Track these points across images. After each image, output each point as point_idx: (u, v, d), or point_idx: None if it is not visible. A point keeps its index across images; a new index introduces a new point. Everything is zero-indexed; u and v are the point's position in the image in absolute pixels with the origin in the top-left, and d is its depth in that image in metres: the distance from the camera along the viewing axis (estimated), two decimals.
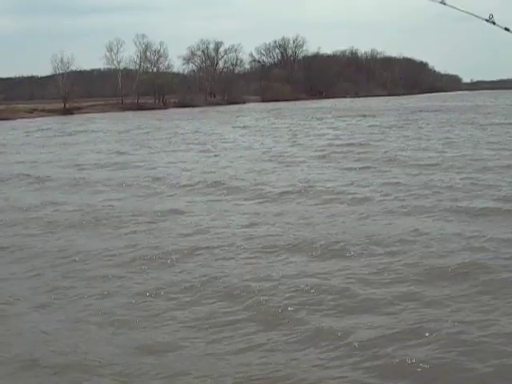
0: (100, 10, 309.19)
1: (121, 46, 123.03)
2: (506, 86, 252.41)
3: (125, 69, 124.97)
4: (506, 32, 6.55)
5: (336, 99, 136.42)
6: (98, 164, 27.90)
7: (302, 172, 22.96)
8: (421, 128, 43.23)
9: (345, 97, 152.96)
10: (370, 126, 46.27)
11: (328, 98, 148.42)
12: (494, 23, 6.18)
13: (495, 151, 27.25)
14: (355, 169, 23.12)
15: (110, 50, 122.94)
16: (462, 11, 7.21)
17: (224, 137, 41.71)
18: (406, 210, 15.28)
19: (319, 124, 52.10)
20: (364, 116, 60.79)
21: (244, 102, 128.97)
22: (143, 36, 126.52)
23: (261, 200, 17.33)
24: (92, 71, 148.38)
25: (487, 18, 6.22)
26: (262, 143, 35.74)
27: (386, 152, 27.96)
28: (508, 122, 46.12)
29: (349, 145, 32.13)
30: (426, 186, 18.54)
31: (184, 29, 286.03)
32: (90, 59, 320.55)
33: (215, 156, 29.97)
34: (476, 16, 6.48)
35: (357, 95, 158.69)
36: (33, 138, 47.03)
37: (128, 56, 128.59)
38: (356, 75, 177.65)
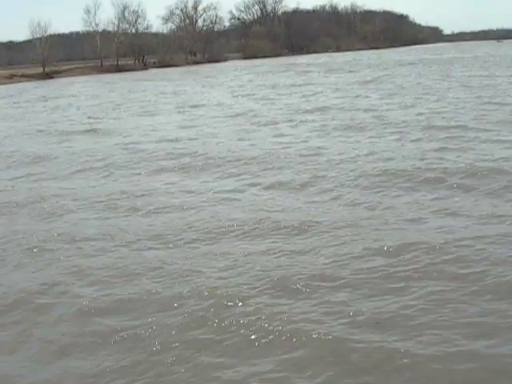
0: None
1: (98, 7, 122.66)
2: (487, 36, 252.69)
3: (104, 31, 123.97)
4: None
5: (317, 54, 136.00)
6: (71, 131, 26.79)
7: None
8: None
9: (326, 51, 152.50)
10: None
11: (309, 53, 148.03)
12: None
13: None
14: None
15: (88, 12, 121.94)
16: None
17: (187, 95, 40.93)
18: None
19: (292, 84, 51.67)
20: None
21: (225, 60, 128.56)
22: None
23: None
24: (71, 34, 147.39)
25: None
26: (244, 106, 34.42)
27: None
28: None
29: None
30: None
31: None
32: (70, 22, 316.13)
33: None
34: None
35: (338, 50, 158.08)
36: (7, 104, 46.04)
37: (106, 18, 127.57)
38: (337, 30, 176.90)
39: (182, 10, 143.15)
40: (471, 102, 26.33)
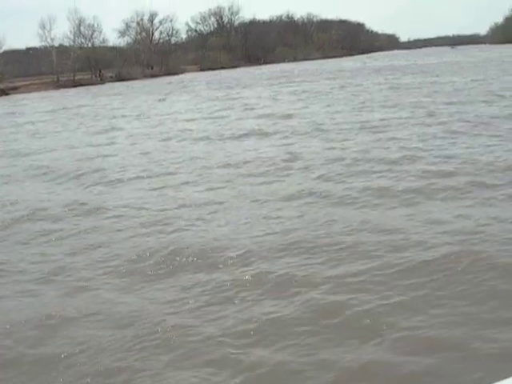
0: None
1: (53, 22, 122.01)
2: (443, 42, 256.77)
3: (60, 45, 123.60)
4: None
5: (273, 65, 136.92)
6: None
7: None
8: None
9: (283, 62, 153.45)
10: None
11: (266, 63, 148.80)
12: None
13: None
14: None
15: (43, 27, 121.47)
16: None
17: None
18: None
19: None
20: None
21: (182, 73, 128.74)
22: (76, 11, 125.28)
23: None
24: (28, 50, 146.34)
25: None
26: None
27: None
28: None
29: None
30: None
31: (118, 1, 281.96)
32: (26, 37, 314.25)
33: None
34: None
35: (295, 60, 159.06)
36: None
37: (62, 32, 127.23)
38: (293, 40, 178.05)
39: (138, 23, 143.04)
40: None
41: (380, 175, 14.41)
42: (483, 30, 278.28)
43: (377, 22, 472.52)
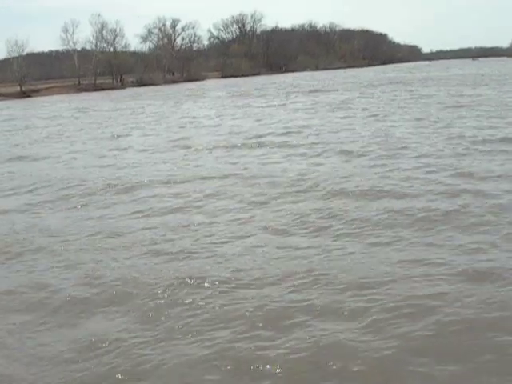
0: None
1: (76, 26, 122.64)
2: (465, 54, 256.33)
3: (83, 49, 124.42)
4: None
5: (296, 73, 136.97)
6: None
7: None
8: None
9: (305, 70, 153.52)
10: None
11: (288, 72, 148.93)
12: None
13: None
14: None
15: (66, 30, 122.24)
16: None
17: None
18: None
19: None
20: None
21: (203, 79, 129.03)
22: (99, 15, 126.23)
23: None
24: (50, 53, 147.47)
25: None
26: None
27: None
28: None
29: None
30: None
31: (141, 7, 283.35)
32: (49, 40, 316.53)
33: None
34: None
35: (317, 68, 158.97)
36: None
37: (85, 36, 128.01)
38: (316, 48, 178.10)
39: (160, 29, 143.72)
40: None
41: None
42: (506, 42, 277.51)
43: (399, 33, 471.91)
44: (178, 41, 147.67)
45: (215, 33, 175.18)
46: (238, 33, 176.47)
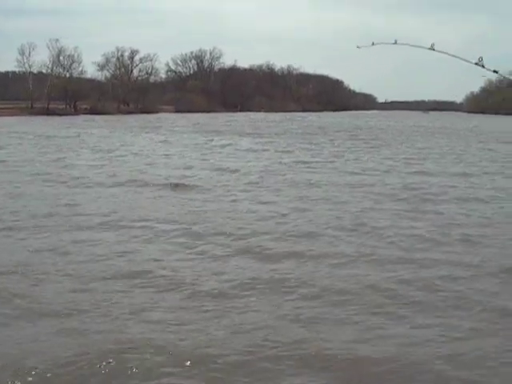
0: (23, 12, 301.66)
1: (33, 49, 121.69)
2: (418, 107, 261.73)
3: (39, 73, 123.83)
4: (494, 73, 7.38)
5: (251, 113, 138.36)
6: None
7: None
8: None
9: (260, 111, 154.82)
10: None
11: (243, 111, 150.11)
12: (483, 66, 6.89)
13: None
14: None
15: (22, 52, 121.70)
16: (451, 55, 8.07)
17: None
18: None
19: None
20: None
21: (157, 112, 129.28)
22: (57, 40, 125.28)
23: None
24: (7, 73, 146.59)
25: (477, 61, 6.83)
26: None
27: None
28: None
29: None
30: None
31: (101, 36, 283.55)
32: (7, 61, 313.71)
33: None
34: (466, 60, 7.17)
35: (272, 110, 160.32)
36: None
37: (41, 60, 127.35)
38: (272, 90, 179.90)
39: (118, 59, 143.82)
40: None
41: None
42: (459, 98, 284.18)
43: (356, 81, 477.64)
44: (135, 72, 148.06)
45: (173, 67, 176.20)
46: (195, 68, 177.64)
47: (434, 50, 7.57)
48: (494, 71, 7.16)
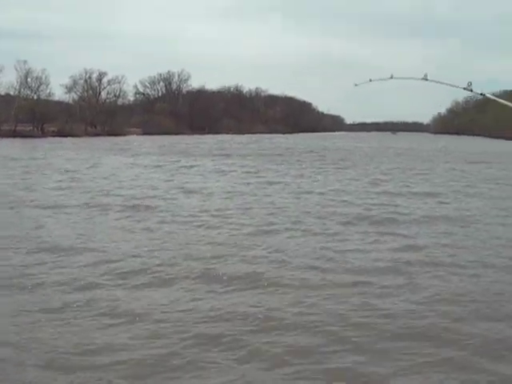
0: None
1: (0, 70, 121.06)
2: (387, 128, 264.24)
3: (7, 94, 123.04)
4: (481, 96, 7.61)
5: (218, 135, 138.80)
6: None
7: None
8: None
9: (228, 133, 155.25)
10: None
11: (211, 133, 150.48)
12: (471, 90, 7.10)
13: None
14: None
15: None
16: (443, 83, 8.27)
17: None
18: None
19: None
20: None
21: (125, 135, 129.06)
22: (24, 62, 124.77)
23: None
24: None
25: (466, 86, 7.13)
26: None
27: None
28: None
29: None
30: None
31: (70, 59, 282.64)
32: None
33: None
34: (456, 86, 7.39)
35: (239, 132, 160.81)
36: None
37: (9, 81, 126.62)
38: (240, 112, 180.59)
39: (86, 81, 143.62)
40: None
41: None
42: (426, 119, 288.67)
43: (323, 103, 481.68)
44: (103, 94, 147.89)
45: (141, 89, 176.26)
46: (164, 91, 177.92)
47: (427, 79, 7.75)
48: (481, 94, 7.43)
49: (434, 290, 11.23)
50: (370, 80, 9.20)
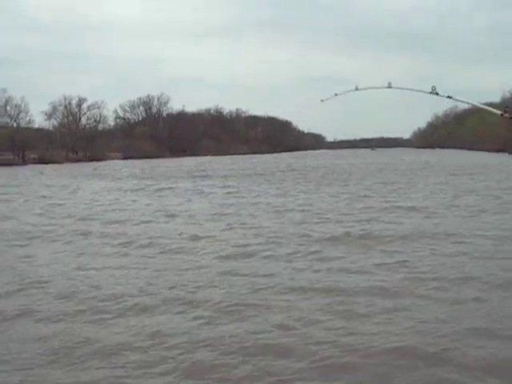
0: None
1: None
2: (367, 144, 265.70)
3: None
4: (448, 99, 7.55)
5: (198, 157, 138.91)
6: None
7: None
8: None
9: (206, 155, 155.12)
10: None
11: (192, 155, 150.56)
12: (437, 94, 7.05)
13: None
14: None
15: None
16: (408, 89, 8.25)
17: None
18: None
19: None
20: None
21: (106, 159, 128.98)
22: (4, 90, 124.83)
23: None
24: None
25: (431, 90, 7.08)
26: None
27: None
28: None
29: None
30: None
31: (48, 86, 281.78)
32: None
33: None
34: (421, 91, 7.38)
35: (220, 153, 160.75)
36: None
37: None
38: (221, 133, 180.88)
39: (65, 107, 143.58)
40: None
41: None
42: (406, 134, 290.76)
43: (304, 122, 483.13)
44: (83, 120, 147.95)
45: (121, 113, 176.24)
46: (144, 114, 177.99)
47: (391, 87, 7.74)
48: (448, 97, 7.39)
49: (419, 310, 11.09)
50: (336, 94, 9.15)
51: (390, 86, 7.77)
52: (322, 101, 9.78)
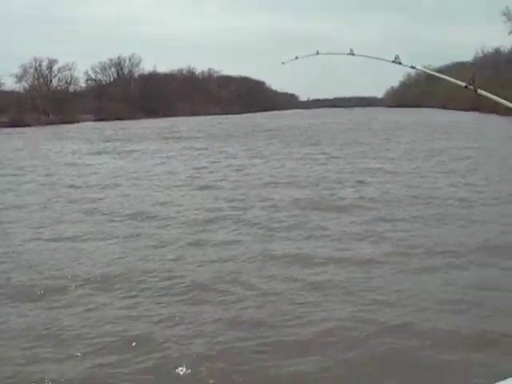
0: None
1: None
2: (342, 103, 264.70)
3: None
4: (412, 69, 7.50)
5: (171, 118, 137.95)
6: None
7: None
8: None
9: (182, 115, 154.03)
10: None
11: (164, 116, 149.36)
12: (400, 63, 6.93)
13: None
14: None
15: None
16: (370, 57, 8.11)
17: None
18: None
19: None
20: None
21: (78, 122, 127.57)
22: None
23: None
24: None
25: (393, 59, 6.93)
26: None
27: None
28: None
29: None
30: None
31: (19, 47, 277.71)
32: None
33: None
34: (383, 59, 7.23)
35: (193, 114, 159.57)
36: None
37: None
38: (193, 94, 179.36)
39: (36, 69, 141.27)
40: None
41: None
42: (380, 93, 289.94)
43: (277, 81, 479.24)
44: (54, 82, 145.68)
45: (93, 75, 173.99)
46: (115, 76, 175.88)
47: (353, 54, 7.70)
48: (412, 67, 7.43)
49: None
50: (297, 57, 9.04)
51: (352, 53, 7.70)
52: (283, 63, 9.71)
